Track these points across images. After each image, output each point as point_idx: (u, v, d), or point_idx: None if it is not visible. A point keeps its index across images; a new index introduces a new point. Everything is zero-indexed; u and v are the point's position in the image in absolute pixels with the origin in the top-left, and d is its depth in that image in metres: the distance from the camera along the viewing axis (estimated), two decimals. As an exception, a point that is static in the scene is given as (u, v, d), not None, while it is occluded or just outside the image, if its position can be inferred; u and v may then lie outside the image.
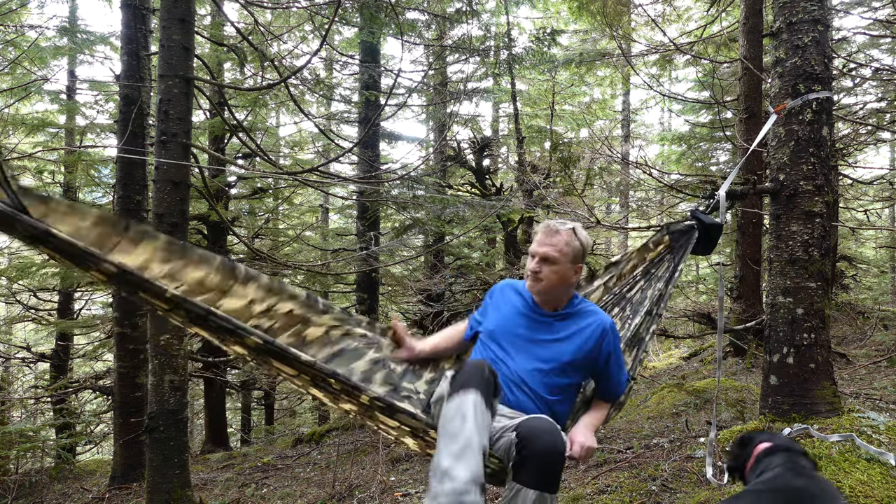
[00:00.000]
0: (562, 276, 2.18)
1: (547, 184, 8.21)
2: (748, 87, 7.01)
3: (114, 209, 6.08)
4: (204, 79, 5.49)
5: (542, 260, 2.19)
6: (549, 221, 2.28)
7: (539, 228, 2.27)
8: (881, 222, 13.01)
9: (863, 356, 6.65)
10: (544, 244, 2.20)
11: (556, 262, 2.17)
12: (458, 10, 7.86)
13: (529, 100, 12.63)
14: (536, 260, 2.20)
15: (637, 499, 3.38)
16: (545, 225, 2.26)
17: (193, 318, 1.72)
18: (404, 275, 10.75)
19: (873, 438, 3.08)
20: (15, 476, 6.40)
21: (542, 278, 2.19)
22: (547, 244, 2.19)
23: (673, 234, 2.55)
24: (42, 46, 7.58)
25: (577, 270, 2.23)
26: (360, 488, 4.66)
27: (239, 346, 1.84)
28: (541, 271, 2.19)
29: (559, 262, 2.17)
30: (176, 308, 1.69)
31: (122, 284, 1.64)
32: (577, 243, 2.20)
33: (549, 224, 2.25)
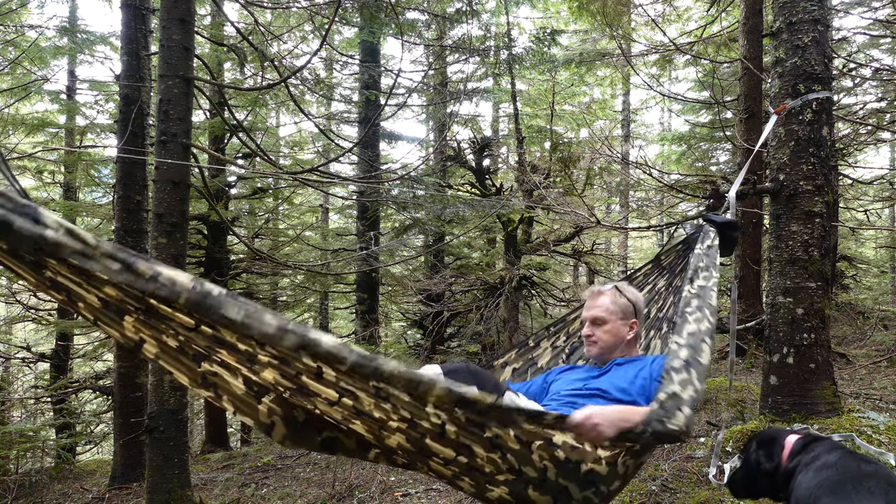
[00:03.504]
0: (614, 334, 2.18)
1: (547, 184, 8.21)
2: (748, 87, 7.01)
3: (114, 209, 6.08)
4: (204, 79, 5.49)
5: (592, 323, 2.21)
6: (592, 286, 2.32)
7: (584, 295, 2.31)
8: (881, 222, 13.01)
9: (863, 356, 6.65)
10: (591, 307, 2.22)
11: (606, 321, 2.19)
12: (458, 10, 7.86)
13: (529, 100, 12.63)
14: (588, 324, 2.22)
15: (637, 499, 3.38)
16: (589, 290, 2.30)
17: None
18: (404, 275, 10.75)
19: (873, 438, 3.08)
20: (15, 476, 6.40)
21: (596, 341, 2.19)
22: (593, 307, 2.22)
23: (686, 235, 2.52)
24: (42, 46, 7.58)
25: (632, 326, 2.21)
26: (360, 488, 4.66)
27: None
28: (593, 334, 2.20)
29: (609, 321, 2.19)
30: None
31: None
32: (623, 300, 2.22)
33: (593, 288, 2.30)
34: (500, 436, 1.57)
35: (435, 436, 1.56)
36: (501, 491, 1.66)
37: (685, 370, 1.73)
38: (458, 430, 1.55)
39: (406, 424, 1.54)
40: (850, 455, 1.68)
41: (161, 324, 1.38)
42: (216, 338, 1.38)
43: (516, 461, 1.60)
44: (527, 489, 1.64)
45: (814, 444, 1.75)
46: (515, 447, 1.58)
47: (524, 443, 1.58)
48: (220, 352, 1.43)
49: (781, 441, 1.82)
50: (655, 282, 2.57)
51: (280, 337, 1.24)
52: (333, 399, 1.50)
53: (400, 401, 1.47)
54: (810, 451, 1.73)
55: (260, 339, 1.26)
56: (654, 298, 2.56)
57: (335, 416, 1.55)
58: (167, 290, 1.18)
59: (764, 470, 1.80)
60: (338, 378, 1.45)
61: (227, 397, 1.52)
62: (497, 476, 1.63)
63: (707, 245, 2.29)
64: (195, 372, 1.48)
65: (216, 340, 1.39)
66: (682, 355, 1.76)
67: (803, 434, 1.83)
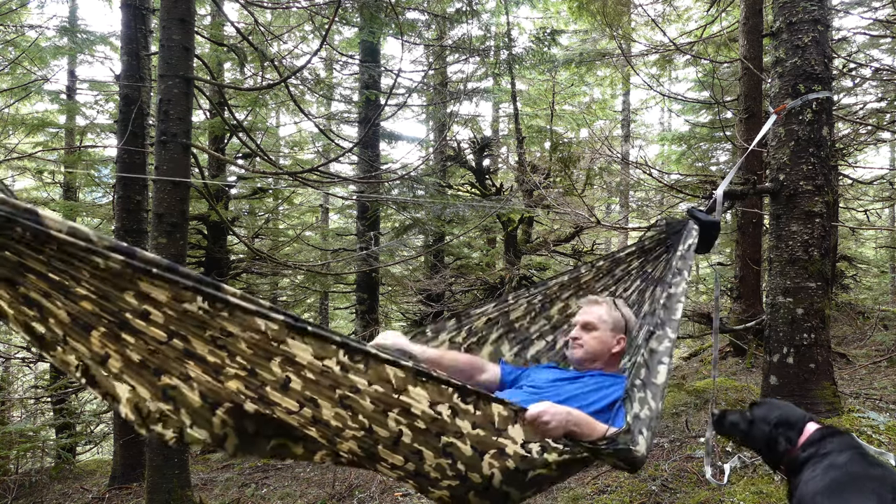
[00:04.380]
0: (602, 342, 2.20)
1: (547, 184, 8.21)
2: (748, 87, 7.01)
3: (114, 209, 6.08)
4: (204, 79, 5.49)
5: (582, 327, 2.23)
6: (591, 296, 2.37)
7: (581, 302, 2.35)
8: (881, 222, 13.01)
9: (863, 356, 6.65)
10: (585, 313, 2.26)
11: (596, 328, 2.21)
12: (458, 10, 7.86)
13: (529, 100, 12.63)
14: (577, 328, 2.24)
15: (637, 499, 3.39)
16: (587, 298, 2.35)
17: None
18: (404, 275, 10.75)
19: (873, 438, 3.08)
20: (15, 476, 6.40)
21: (582, 344, 2.21)
22: (587, 313, 2.25)
23: (668, 226, 2.53)
24: (42, 46, 7.58)
25: (619, 341, 2.23)
26: (360, 488, 4.66)
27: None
28: (581, 338, 2.22)
29: (599, 328, 2.21)
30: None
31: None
32: (617, 314, 2.25)
33: (591, 297, 2.36)
34: (453, 444, 1.66)
35: (389, 444, 1.64)
36: (442, 493, 1.74)
37: (643, 389, 1.87)
38: (415, 436, 1.63)
39: (363, 432, 1.62)
40: (861, 457, 1.69)
41: (131, 337, 1.45)
42: (186, 350, 1.47)
43: (465, 468, 1.68)
44: (468, 494, 1.73)
45: (830, 439, 1.77)
46: (468, 454, 1.67)
47: (478, 451, 1.67)
48: (187, 363, 1.50)
49: (801, 426, 1.85)
50: (631, 261, 2.57)
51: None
52: (294, 409, 1.57)
53: (363, 407, 1.58)
54: (824, 447, 1.75)
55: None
56: (625, 277, 2.57)
57: (292, 423, 1.60)
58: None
59: (778, 449, 1.84)
60: (304, 388, 1.54)
61: (184, 410, 1.55)
62: (442, 481, 1.71)
63: (688, 244, 2.32)
64: (156, 386, 1.53)
65: (186, 353, 1.48)
66: (641, 375, 1.91)
67: (823, 425, 1.84)
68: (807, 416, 1.90)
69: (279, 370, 1.51)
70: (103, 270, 1.33)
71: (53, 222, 1.27)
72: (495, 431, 1.68)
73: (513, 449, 1.69)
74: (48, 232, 1.26)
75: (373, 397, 1.57)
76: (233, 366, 1.50)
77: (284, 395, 1.55)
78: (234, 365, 1.50)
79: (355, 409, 1.58)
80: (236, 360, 1.50)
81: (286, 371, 1.52)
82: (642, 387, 1.89)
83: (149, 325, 1.43)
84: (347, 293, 12.03)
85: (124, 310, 1.40)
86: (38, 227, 1.25)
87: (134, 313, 1.41)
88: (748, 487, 3.22)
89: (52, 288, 1.35)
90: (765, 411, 1.95)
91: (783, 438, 1.85)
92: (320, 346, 1.51)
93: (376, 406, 1.59)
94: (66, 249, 1.29)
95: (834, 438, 1.77)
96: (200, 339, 1.46)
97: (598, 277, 2.56)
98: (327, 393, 1.55)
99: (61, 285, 1.35)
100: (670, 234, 2.49)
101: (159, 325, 1.43)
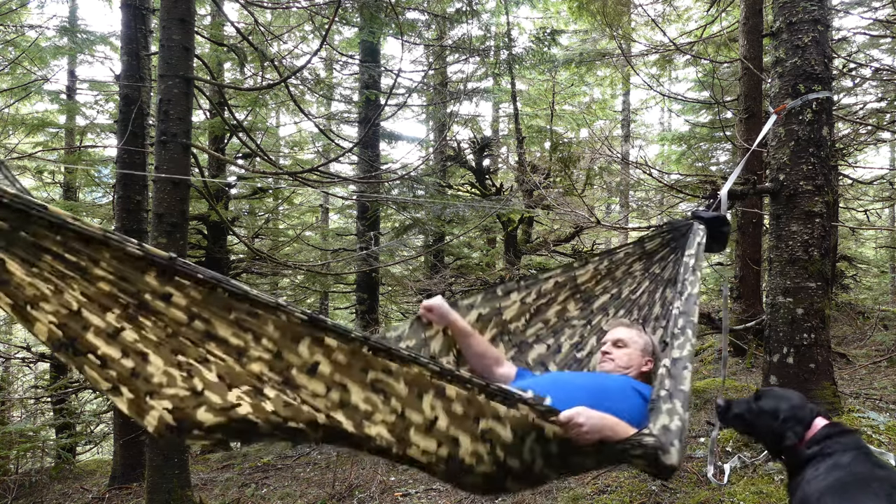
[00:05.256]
0: (632, 359, 2.21)
1: (547, 184, 8.21)
2: (748, 87, 7.00)
3: (114, 209, 6.08)
4: (204, 79, 5.49)
5: (613, 344, 2.25)
6: (621, 318, 2.43)
7: (611, 324, 2.38)
8: (881, 222, 13.01)
9: (863, 356, 6.65)
10: (615, 332, 2.29)
11: (627, 345, 2.23)
12: (458, 10, 7.86)
13: (529, 100, 12.62)
14: (608, 344, 2.26)
15: (637, 499, 3.39)
16: (617, 321, 2.39)
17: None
18: (404, 275, 10.75)
19: (873, 438, 3.08)
20: (15, 476, 6.40)
21: (613, 358, 2.22)
22: (618, 332, 2.28)
23: (672, 228, 2.50)
24: (42, 46, 7.57)
25: (647, 363, 2.24)
26: (360, 488, 4.66)
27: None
28: (611, 353, 2.23)
29: (630, 346, 2.23)
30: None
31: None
32: (646, 337, 2.29)
33: (622, 320, 2.40)
34: (492, 429, 1.63)
35: (424, 428, 1.60)
36: (475, 480, 1.70)
37: (669, 400, 1.85)
38: (451, 420, 1.60)
39: (394, 416, 1.57)
40: (865, 457, 1.68)
41: (150, 317, 1.41)
42: (208, 332, 1.44)
43: (504, 455, 1.66)
44: (505, 479, 1.71)
45: (836, 438, 1.76)
46: (509, 439, 1.64)
47: (518, 435, 1.65)
48: (208, 345, 1.45)
49: (808, 422, 1.84)
50: (633, 263, 2.54)
51: None
52: (321, 393, 1.53)
53: (394, 389, 1.54)
54: (829, 447, 1.75)
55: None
56: (628, 279, 2.54)
57: (318, 404, 1.53)
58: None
59: (785, 443, 1.84)
60: (332, 372, 1.51)
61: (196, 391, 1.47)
62: (478, 467, 1.67)
63: (697, 243, 2.31)
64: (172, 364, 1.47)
65: (207, 335, 1.44)
66: (666, 385, 1.90)
67: (831, 422, 1.84)
68: (815, 411, 1.89)
69: (307, 353, 1.50)
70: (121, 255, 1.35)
71: (64, 215, 1.29)
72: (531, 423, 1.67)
73: (552, 430, 1.66)
74: (62, 220, 1.29)
75: (407, 380, 1.56)
76: (257, 349, 1.48)
77: (311, 378, 1.52)
78: (258, 348, 1.48)
79: (388, 392, 1.56)
80: (261, 344, 1.47)
81: (315, 355, 1.50)
82: (668, 397, 1.87)
83: (168, 306, 1.41)
84: (347, 293, 12.03)
85: (143, 291, 1.39)
86: (52, 218, 1.28)
87: (154, 295, 1.40)
88: (748, 487, 3.22)
89: (67, 268, 1.35)
90: (772, 404, 1.93)
91: (791, 433, 1.84)
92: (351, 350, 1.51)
93: (411, 390, 1.57)
94: (82, 236, 1.32)
95: (840, 438, 1.77)
96: (225, 321, 1.44)
97: (597, 279, 2.52)
98: (359, 376, 1.54)
99: (77, 266, 1.35)
100: (675, 235, 2.47)
101: (181, 308, 1.42)
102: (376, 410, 1.57)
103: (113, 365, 1.39)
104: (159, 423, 1.41)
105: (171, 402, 1.42)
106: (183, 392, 1.42)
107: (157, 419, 1.41)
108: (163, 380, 1.41)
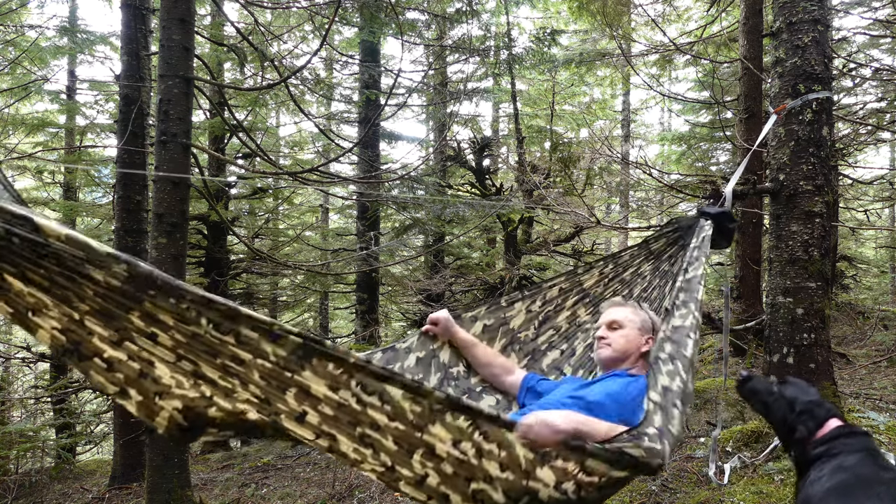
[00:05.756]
0: (630, 340, 2.09)
1: (547, 184, 8.21)
2: (748, 87, 7.01)
3: (114, 209, 6.08)
4: (204, 79, 5.49)
5: (608, 326, 2.13)
6: (614, 298, 2.28)
7: (603, 306, 2.25)
8: (881, 222, 13.01)
9: (863, 356, 6.65)
10: (609, 314, 2.16)
11: (623, 325, 2.11)
12: (458, 10, 7.86)
13: (529, 100, 12.63)
14: (603, 328, 2.14)
15: (637, 499, 3.39)
16: (609, 301, 2.26)
17: None
18: (404, 275, 10.75)
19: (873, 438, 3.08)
20: (15, 476, 6.40)
21: (610, 343, 2.10)
22: (612, 313, 2.16)
23: (679, 227, 2.49)
24: (42, 46, 7.58)
25: (648, 341, 2.10)
26: (360, 488, 4.66)
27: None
28: (607, 337, 2.11)
29: (626, 326, 2.11)
30: None
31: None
32: (643, 314, 2.17)
33: (614, 299, 2.27)
34: (484, 490, 1.53)
35: (413, 482, 1.52)
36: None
37: (671, 362, 1.74)
38: (442, 479, 1.52)
39: (384, 469, 1.50)
40: (872, 460, 1.67)
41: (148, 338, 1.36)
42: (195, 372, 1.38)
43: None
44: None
45: (844, 439, 1.75)
46: (501, 502, 1.54)
47: (511, 498, 1.54)
48: (210, 362, 1.39)
49: (823, 420, 1.83)
50: (641, 264, 2.51)
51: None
52: (310, 438, 1.47)
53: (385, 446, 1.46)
54: (836, 447, 1.73)
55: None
56: (638, 280, 2.51)
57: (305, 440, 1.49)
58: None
59: (795, 436, 1.82)
60: (322, 421, 1.42)
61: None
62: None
63: (703, 237, 2.26)
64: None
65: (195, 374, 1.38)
66: (667, 349, 1.78)
67: (844, 423, 1.83)
68: (831, 412, 1.88)
69: (295, 402, 1.40)
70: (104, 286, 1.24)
71: (52, 230, 1.18)
72: (523, 475, 1.52)
73: (547, 493, 1.53)
74: (46, 242, 1.17)
75: (395, 435, 1.45)
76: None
77: (300, 426, 1.44)
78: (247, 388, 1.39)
79: (377, 447, 1.47)
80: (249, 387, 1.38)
81: (302, 404, 1.40)
82: (670, 359, 1.74)
83: (156, 344, 1.33)
84: (347, 293, 12.03)
85: (129, 328, 1.31)
86: (36, 237, 1.16)
87: (140, 333, 1.31)
88: (748, 487, 3.22)
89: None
90: (793, 392, 1.91)
91: (803, 427, 1.82)
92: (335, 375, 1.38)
93: (399, 446, 1.47)
94: (66, 263, 1.21)
95: (847, 439, 1.75)
96: (210, 363, 1.36)
97: (605, 282, 2.50)
98: (347, 429, 1.44)
99: (64, 297, 1.26)
100: (682, 233, 2.44)
101: (168, 344, 1.34)
102: (365, 461, 1.51)
103: (120, 367, 1.36)
104: (170, 423, 1.40)
105: (182, 402, 1.40)
106: (193, 393, 1.40)
107: (168, 419, 1.39)
108: (171, 382, 1.39)
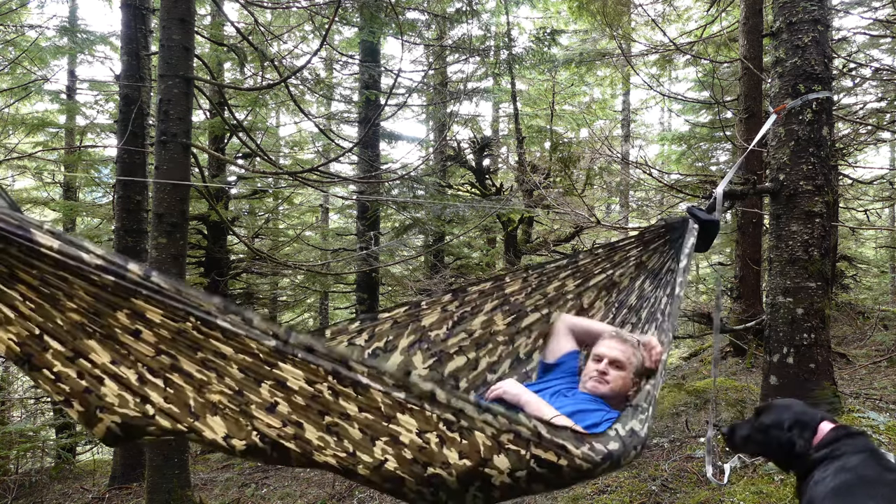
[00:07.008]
0: (624, 385, 2.11)
1: (547, 184, 8.21)
2: (748, 87, 7.01)
3: (114, 209, 6.08)
4: (204, 79, 5.49)
5: (611, 363, 2.12)
6: (621, 331, 2.25)
7: (607, 334, 2.22)
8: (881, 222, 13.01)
9: (863, 356, 6.65)
10: (615, 348, 2.14)
11: (624, 367, 2.12)
12: (458, 10, 7.86)
13: (529, 100, 12.62)
14: (605, 362, 2.13)
15: (637, 499, 3.39)
16: (615, 331, 2.23)
17: None
18: (404, 275, 10.75)
19: (873, 438, 3.08)
20: (15, 476, 6.40)
21: (609, 381, 2.10)
22: (618, 349, 2.14)
23: (668, 225, 2.51)
24: (42, 46, 7.57)
25: (635, 384, 2.14)
26: (360, 488, 4.66)
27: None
28: (608, 373, 2.11)
29: (626, 370, 2.12)
30: None
31: None
32: (640, 357, 2.16)
33: (620, 332, 2.23)
34: (439, 475, 1.59)
35: (371, 467, 1.57)
36: None
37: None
38: (400, 465, 1.57)
39: (345, 454, 1.55)
40: (874, 460, 1.67)
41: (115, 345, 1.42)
42: (173, 365, 1.44)
43: (447, 497, 1.63)
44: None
45: (844, 440, 1.74)
46: (454, 487, 1.60)
47: (463, 483, 1.60)
48: (171, 375, 1.48)
49: (814, 426, 1.82)
50: (629, 251, 2.54)
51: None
52: (277, 426, 1.52)
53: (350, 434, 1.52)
54: (838, 449, 1.73)
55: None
56: (626, 272, 2.54)
57: (270, 435, 1.54)
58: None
59: (796, 452, 1.80)
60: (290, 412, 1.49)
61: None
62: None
63: (690, 244, 2.30)
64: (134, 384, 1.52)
65: (173, 367, 1.45)
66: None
67: (838, 424, 1.82)
68: (819, 415, 1.87)
69: (268, 393, 1.46)
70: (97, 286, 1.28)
71: (46, 239, 1.20)
72: (481, 462, 1.58)
73: (500, 480, 1.59)
74: (40, 249, 1.20)
75: (363, 424, 1.52)
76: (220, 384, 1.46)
77: (269, 415, 1.50)
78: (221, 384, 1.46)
79: (342, 434, 1.53)
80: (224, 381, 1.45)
81: (275, 396, 1.47)
82: (648, 407, 1.86)
83: (137, 341, 1.39)
84: (347, 293, 12.03)
85: (114, 326, 1.37)
86: (31, 244, 1.20)
87: (125, 330, 1.37)
88: (748, 487, 3.22)
89: (41, 299, 1.32)
90: (775, 416, 1.90)
91: (800, 440, 1.81)
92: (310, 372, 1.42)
93: (364, 433, 1.53)
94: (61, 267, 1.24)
95: (848, 440, 1.75)
96: (191, 359, 1.42)
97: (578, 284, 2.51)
98: (315, 418, 1.50)
99: (52, 297, 1.32)
100: (670, 231, 2.48)
101: (149, 343, 1.40)
102: (328, 447, 1.56)
103: (67, 382, 1.44)
104: (106, 433, 1.50)
105: (122, 419, 1.50)
106: (134, 412, 1.49)
107: (105, 429, 1.50)
108: (115, 400, 1.48)
